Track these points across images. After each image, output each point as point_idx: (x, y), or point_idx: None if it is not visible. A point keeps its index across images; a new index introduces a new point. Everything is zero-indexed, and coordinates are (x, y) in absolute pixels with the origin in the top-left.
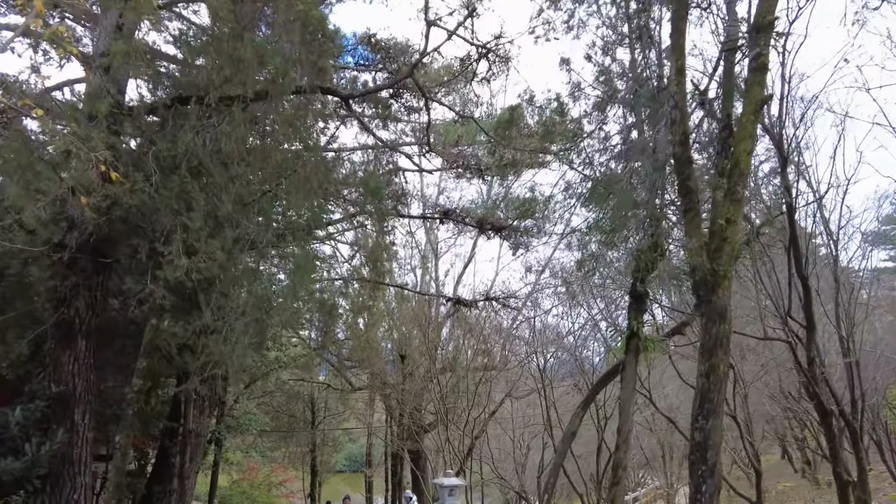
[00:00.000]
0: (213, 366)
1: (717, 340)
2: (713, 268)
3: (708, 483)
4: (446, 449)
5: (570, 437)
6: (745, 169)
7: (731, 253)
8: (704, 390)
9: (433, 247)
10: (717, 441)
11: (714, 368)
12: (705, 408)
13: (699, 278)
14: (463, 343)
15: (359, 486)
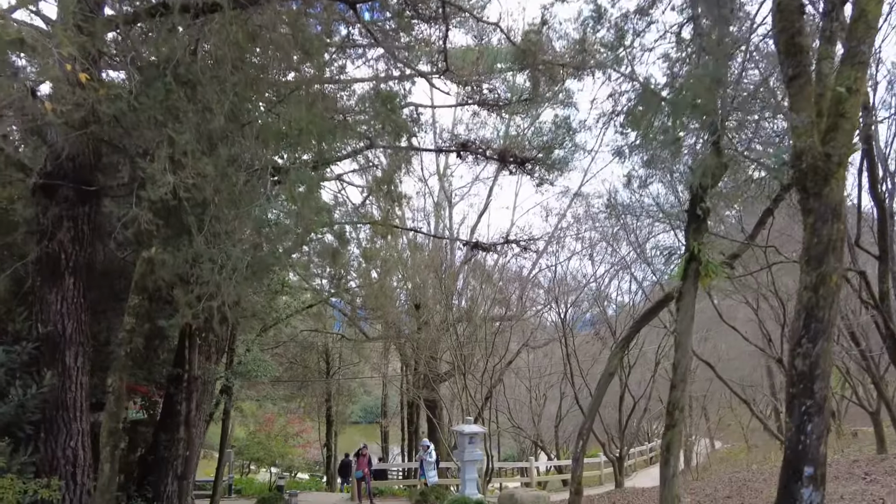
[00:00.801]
0: (209, 297)
1: (829, 244)
2: (826, 152)
3: (815, 421)
4: (463, 398)
5: (607, 379)
6: (873, 21)
7: (851, 133)
8: (811, 306)
9: (447, 195)
10: (827, 369)
11: (824, 279)
12: (812, 328)
13: (807, 166)
14: (480, 291)
15: (375, 437)
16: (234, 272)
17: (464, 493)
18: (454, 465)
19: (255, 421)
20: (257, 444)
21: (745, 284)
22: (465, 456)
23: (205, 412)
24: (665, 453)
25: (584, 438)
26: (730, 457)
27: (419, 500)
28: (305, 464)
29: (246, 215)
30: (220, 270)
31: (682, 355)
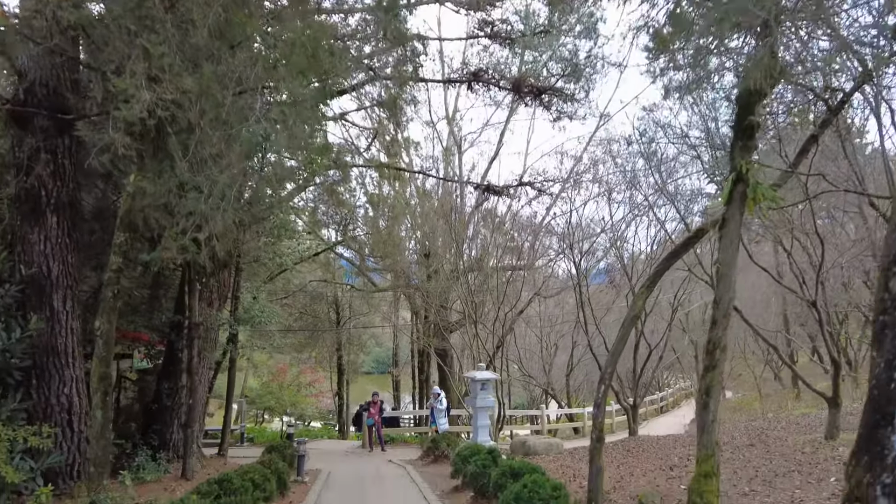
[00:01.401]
0: (195, 229)
1: None
2: None
3: None
4: (474, 346)
5: (631, 322)
6: None
7: None
8: None
9: (456, 141)
10: None
11: None
12: None
13: None
14: (491, 239)
15: (387, 387)
16: (223, 201)
17: (476, 440)
18: (465, 413)
19: (268, 371)
20: (269, 394)
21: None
22: (477, 403)
23: (208, 360)
24: (704, 397)
25: (606, 384)
26: (742, 406)
27: (430, 447)
28: (318, 413)
29: (234, 138)
30: (206, 199)
31: (724, 289)
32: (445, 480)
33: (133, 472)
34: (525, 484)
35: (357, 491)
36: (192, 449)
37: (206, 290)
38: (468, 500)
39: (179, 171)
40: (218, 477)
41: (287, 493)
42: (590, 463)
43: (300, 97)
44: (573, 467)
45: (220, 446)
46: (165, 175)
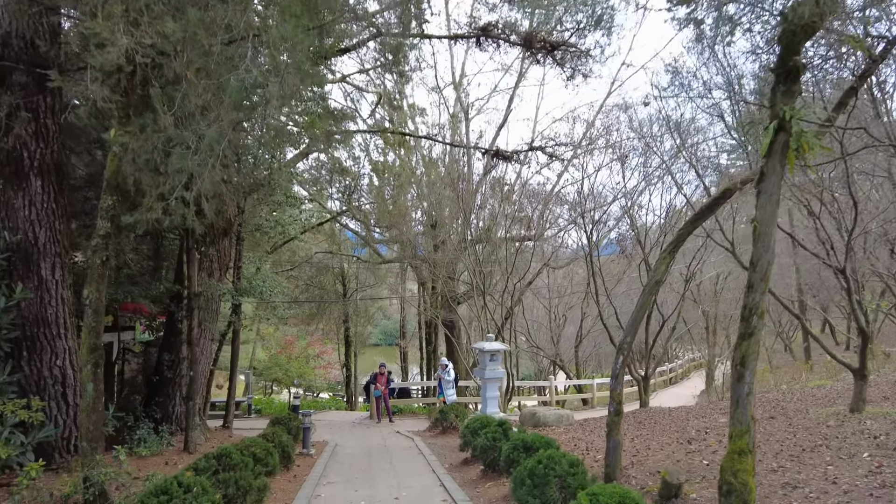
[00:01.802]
0: (183, 188)
1: None
2: None
3: None
4: (482, 317)
5: (653, 287)
6: None
7: None
8: None
9: (463, 107)
10: None
11: None
12: None
13: None
14: (499, 208)
15: (394, 358)
16: (211, 157)
17: (485, 411)
18: (473, 384)
19: (276, 344)
20: (276, 366)
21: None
22: (486, 374)
23: (210, 331)
24: (738, 368)
25: (625, 354)
26: None
27: (438, 418)
28: (327, 384)
29: (223, 88)
30: (193, 155)
31: (763, 249)
32: (454, 453)
33: (134, 446)
34: (540, 459)
35: (364, 464)
36: (194, 422)
37: (205, 259)
38: (478, 474)
39: (164, 125)
40: (216, 451)
41: (291, 466)
42: (607, 437)
43: (294, 42)
44: (585, 440)
45: (224, 418)
46: (149, 130)
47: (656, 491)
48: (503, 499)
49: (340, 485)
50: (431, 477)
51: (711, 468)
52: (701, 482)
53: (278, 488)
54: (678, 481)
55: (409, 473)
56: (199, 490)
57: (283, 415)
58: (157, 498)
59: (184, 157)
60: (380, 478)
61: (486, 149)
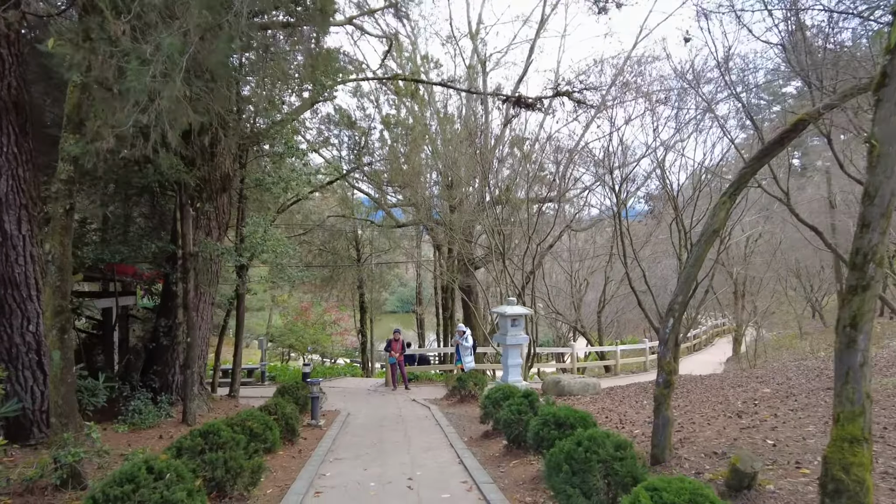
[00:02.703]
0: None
1: None
2: None
3: None
4: (502, 280)
5: (710, 237)
6: None
7: None
8: None
9: (480, 59)
10: None
11: None
12: None
13: None
14: (520, 168)
15: (411, 325)
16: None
17: (506, 379)
18: (490, 350)
19: (292, 310)
20: (289, 332)
21: None
22: (507, 340)
23: (210, 295)
24: (849, 330)
25: (676, 316)
26: (781, 345)
27: (456, 386)
28: (344, 350)
29: None
30: (152, 71)
31: (884, 174)
32: (474, 424)
33: (129, 418)
34: (579, 440)
35: (376, 436)
36: (192, 392)
37: (203, 217)
38: (500, 449)
39: (114, 34)
40: (203, 428)
41: (296, 440)
42: (655, 412)
43: None
44: (617, 411)
45: (230, 387)
46: (97, 39)
47: (721, 479)
48: (532, 481)
49: (349, 461)
50: (449, 452)
51: (781, 451)
52: (774, 468)
53: (279, 466)
54: (752, 469)
55: (425, 448)
56: (172, 477)
57: (290, 383)
58: (120, 487)
59: (139, 73)
60: (392, 453)
61: (506, 95)
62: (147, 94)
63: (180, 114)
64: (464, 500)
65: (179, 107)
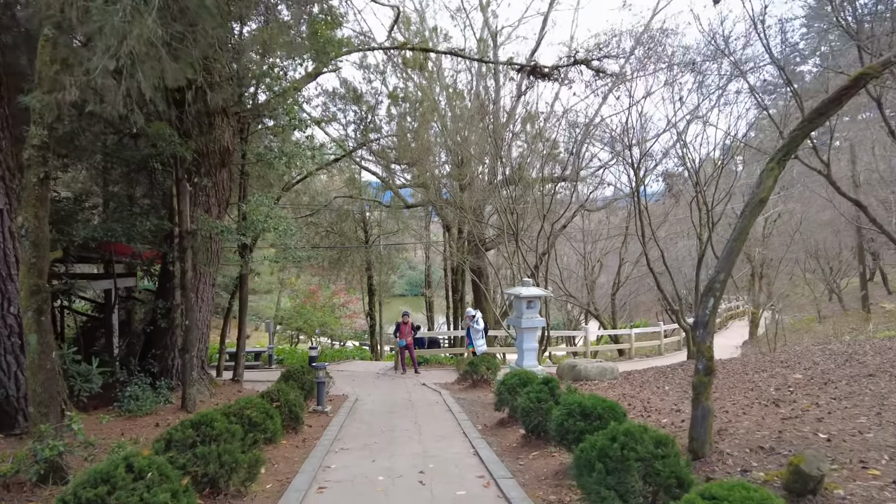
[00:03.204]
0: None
1: None
2: None
3: None
4: (514, 261)
5: (756, 207)
6: None
7: None
8: None
9: (491, 32)
10: None
11: None
12: None
13: None
14: (531, 146)
15: (420, 308)
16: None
17: (521, 364)
18: (501, 333)
19: (302, 293)
20: (296, 314)
21: None
22: (522, 323)
23: (210, 276)
24: None
25: (717, 295)
26: (798, 328)
27: (467, 370)
28: (354, 333)
29: None
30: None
31: None
32: (487, 411)
33: (125, 404)
34: (613, 435)
35: (385, 424)
36: (191, 377)
37: (201, 193)
38: (518, 439)
39: None
40: (195, 418)
41: (301, 428)
42: (693, 402)
43: None
44: (639, 398)
45: (234, 371)
46: None
47: (778, 481)
48: (555, 476)
49: (356, 452)
50: (462, 442)
51: (838, 447)
52: (838, 469)
53: (281, 457)
54: (819, 472)
55: (437, 437)
56: (154, 476)
57: (295, 368)
58: (93, 489)
59: (105, 12)
60: (402, 442)
61: (520, 64)
62: (116, 36)
63: (155, 61)
64: (481, 499)
65: (153, 52)
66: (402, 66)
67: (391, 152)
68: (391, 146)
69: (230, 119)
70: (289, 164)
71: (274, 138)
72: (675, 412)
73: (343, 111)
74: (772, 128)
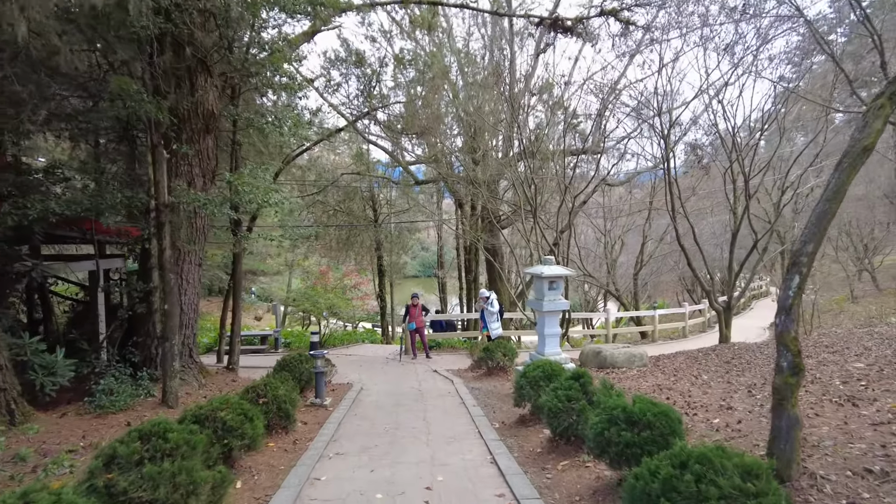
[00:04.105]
0: None
1: None
2: None
3: None
4: (532, 238)
5: (859, 156)
6: None
7: None
8: None
9: None
10: None
11: None
12: None
13: None
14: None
15: (433, 289)
16: None
17: (542, 351)
18: (517, 316)
19: (312, 275)
20: (303, 295)
21: None
22: (545, 305)
23: (196, 254)
24: None
25: (804, 271)
26: (828, 308)
27: (482, 356)
28: (367, 315)
29: None
30: None
31: None
32: (505, 404)
33: (98, 400)
34: (684, 461)
35: (389, 421)
36: (171, 368)
37: (183, 163)
38: (543, 442)
39: None
40: (145, 427)
41: (293, 427)
42: (775, 410)
43: None
44: (676, 389)
45: (228, 359)
46: None
47: None
48: (593, 497)
49: (353, 458)
50: (478, 445)
51: None
52: None
53: (265, 464)
54: None
55: (448, 437)
56: None
57: (292, 355)
58: None
59: None
60: (408, 445)
61: (540, 17)
62: None
63: None
64: None
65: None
66: (410, 27)
67: (398, 122)
68: (399, 115)
69: (214, 78)
70: (282, 130)
71: (266, 102)
72: (726, 410)
73: (345, 76)
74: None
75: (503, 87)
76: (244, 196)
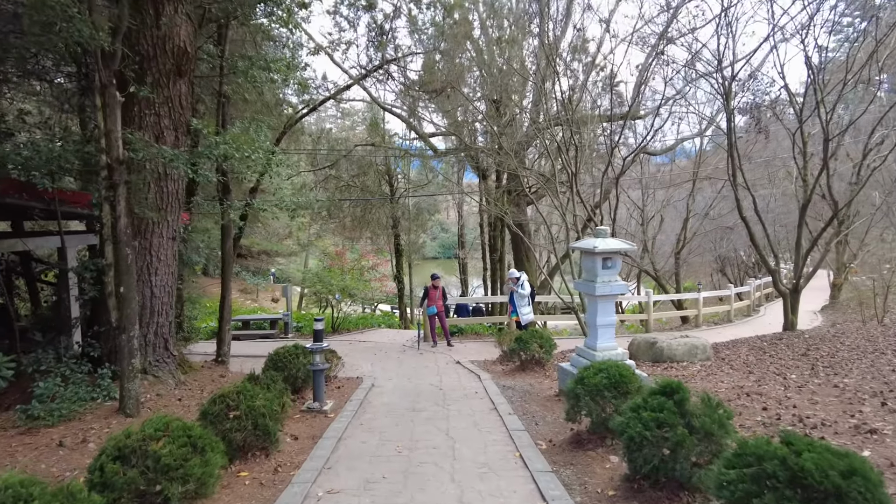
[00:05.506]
0: None
1: None
2: None
3: None
4: (570, 209)
5: None
6: None
7: None
8: None
9: None
10: None
11: None
12: None
13: None
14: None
15: (453, 271)
16: None
17: (594, 345)
18: (551, 300)
19: (329, 256)
20: (314, 276)
21: None
22: (597, 288)
23: (169, 225)
24: None
25: None
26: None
27: (514, 347)
28: (386, 297)
29: None
30: None
31: None
32: (547, 410)
33: (30, 408)
34: None
35: (403, 435)
36: (129, 367)
37: (148, 112)
38: (615, 480)
39: None
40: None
41: (275, 448)
42: None
43: None
44: (768, 395)
45: (217, 350)
46: None
47: None
48: None
49: (350, 499)
50: (522, 480)
51: None
52: None
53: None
54: None
55: (481, 466)
56: None
57: (287, 348)
58: None
59: None
60: (427, 478)
61: None
62: None
63: None
64: None
65: None
66: None
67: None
68: (417, 75)
69: (184, 5)
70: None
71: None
72: (867, 435)
73: (352, 23)
74: None
75: (540, 36)
76: (227, 154)
